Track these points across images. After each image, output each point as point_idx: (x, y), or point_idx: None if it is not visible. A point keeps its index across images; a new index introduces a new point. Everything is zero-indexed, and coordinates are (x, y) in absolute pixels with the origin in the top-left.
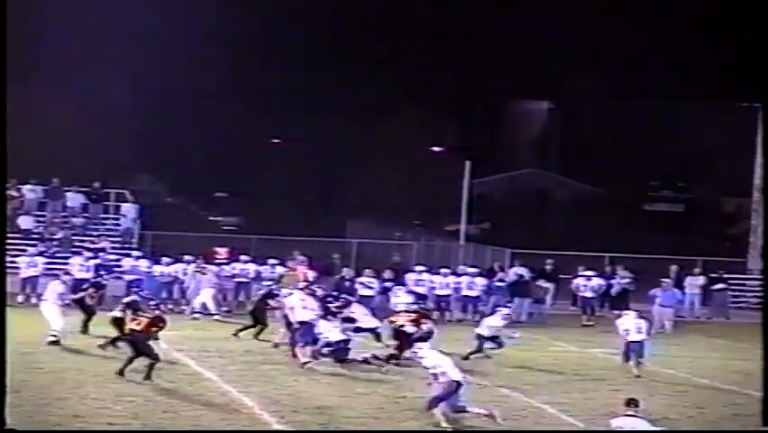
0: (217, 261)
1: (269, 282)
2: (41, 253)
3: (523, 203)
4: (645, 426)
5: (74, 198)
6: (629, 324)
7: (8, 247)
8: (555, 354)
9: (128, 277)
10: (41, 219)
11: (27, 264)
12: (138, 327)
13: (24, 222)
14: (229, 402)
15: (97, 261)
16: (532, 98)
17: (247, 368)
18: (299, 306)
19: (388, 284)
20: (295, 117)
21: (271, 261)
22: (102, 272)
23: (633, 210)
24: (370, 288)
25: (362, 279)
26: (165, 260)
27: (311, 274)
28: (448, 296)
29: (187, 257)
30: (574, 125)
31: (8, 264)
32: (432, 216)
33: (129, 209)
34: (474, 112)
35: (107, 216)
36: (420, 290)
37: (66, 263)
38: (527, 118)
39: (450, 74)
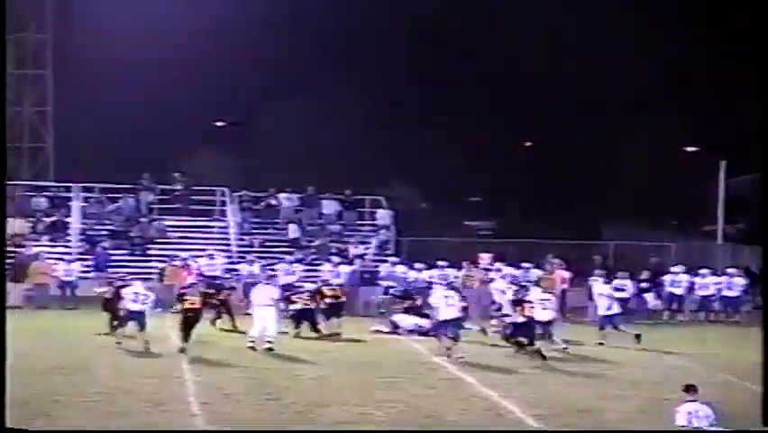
0: (482, 266)
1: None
2: (299, 261)
3: None
4: (707, 410)
5: (329, 206)
6: None
7: (272, 255)
8: None
9: (384, 283)
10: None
11: (285, 272)
12: (194, 306)
13: (291, 231)
14: (491, 407)
15: (353, 267)
16: None
17: (505, 372)
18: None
19: (644, 285)
20: (547, 120)
21: (526, 264)
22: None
23: None
24: (623, 290)
25: (616, 281)
26: (418, 265)
27: (568, 277)
28: (712, 296)
29: (440, 262)
30: None
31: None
32: (688, 217)
33: (384, 215)
34: (728, 111)
35: (363, 222)
36: (677, 290)
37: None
38: None
39: (703, 72)
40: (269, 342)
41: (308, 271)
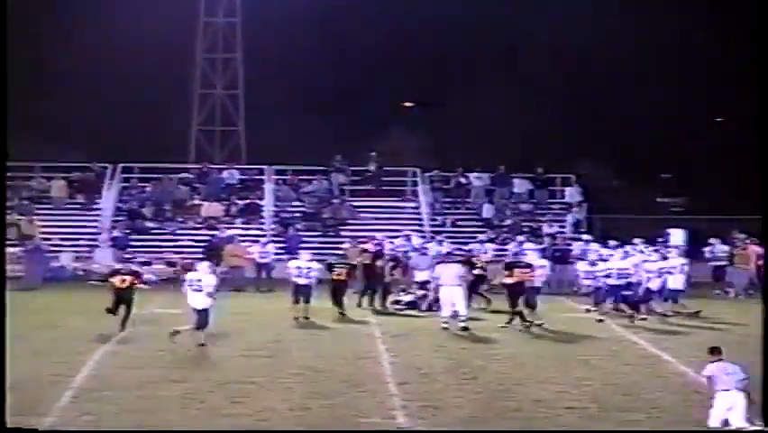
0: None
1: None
2: (491, 240)
3: None
4: (734, 369)
5: (520, 185)
6: None
7: (465, 234)
8: None
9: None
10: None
11: (477, 251)
12: (340, 277)
13: (484, 210)
14: (688, 384)
15: (540, 246)
16: None
17: (702, 349)
18: None
19: None
20: (738, 95)
21: (713, 240)
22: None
23: None
24: None
25: None
26: (611, 243)
27: (762, 252)
28: None
29: (635, 240)
30: None
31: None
32: None
33: (574, 193)
34: None
35: (554, 201)
36: None
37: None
38: None
39: None
40: (462, 321)
41: (500, 250)
